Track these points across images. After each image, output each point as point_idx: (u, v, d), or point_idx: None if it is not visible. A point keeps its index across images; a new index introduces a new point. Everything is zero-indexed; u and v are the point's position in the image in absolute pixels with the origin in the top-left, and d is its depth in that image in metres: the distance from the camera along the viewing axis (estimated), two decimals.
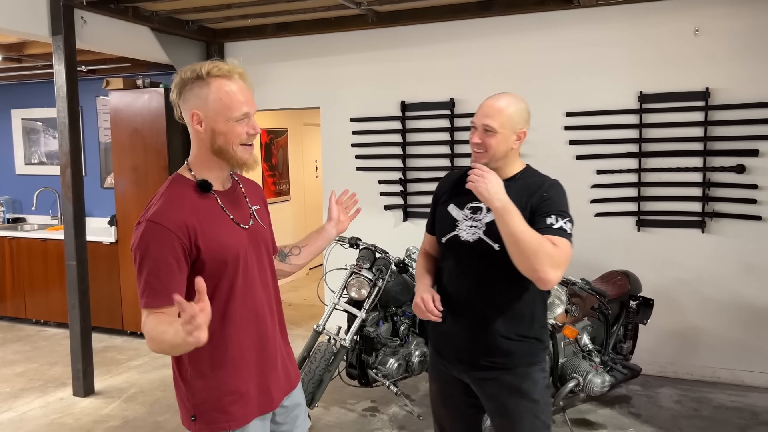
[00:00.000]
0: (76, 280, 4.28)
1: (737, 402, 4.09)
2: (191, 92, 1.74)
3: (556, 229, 1.97)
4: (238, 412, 1.79)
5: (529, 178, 2.14)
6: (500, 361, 2.09)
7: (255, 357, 1.84)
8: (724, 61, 4.23)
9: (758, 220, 4.23)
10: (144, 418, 3.99)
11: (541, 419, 2.12)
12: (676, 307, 4.46)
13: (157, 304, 1.64)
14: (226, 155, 1.78)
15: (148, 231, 1.68)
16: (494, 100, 2.11)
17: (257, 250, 1.87)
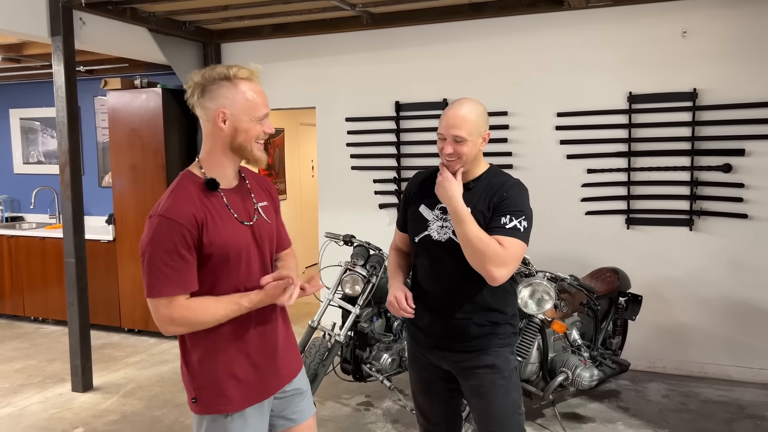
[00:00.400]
0: (75, 278, 4.35)
1: (724, 396, 4.18)
2: (218, 92, 1.84)
3: (507, 228, 2.09)
4: (236, 396, 1.88)
5: (493, 177, 2.24)
6: (475, 344, 2.22)
7: (255, 346, 1.94)
8: (711, 62, 4.32)
9: (744, 218, 4.32)
10: (142, 413, 4.06)
11: (512, 397, 2.24)
12: (665, 304, 4.55)
13: (174, 292, 1.77)
14: (243, 152, 1.90)
15: (161, 225, 1.80)
16: (457, 110, 2.16)
17: (260, 245, 1.97)
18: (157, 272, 1.78)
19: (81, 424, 3.90)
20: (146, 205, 5.49)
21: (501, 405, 2.23)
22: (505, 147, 4.77)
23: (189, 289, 1.81)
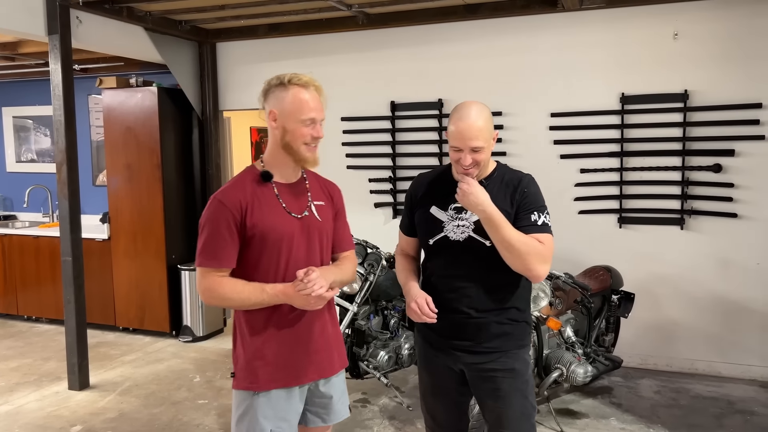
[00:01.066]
0: (72, 276, 4.35)
1: (714, 392, 4.26)
2: (273, 94, 2.07)
3: (540, 225, 2.15)
4: (263, 377, 2.07)
5: (505, 174, 2.27)
6: (495, 345, 2.22)
7: (288, 333, 2.09)
8: (701, 64, 4.40)
9: (734, 217, 4.40)
10: (139, 410, 4.08)
11: (529, 400, 2.25)
12: (656, 302, 4.62)
13: (209, 264, 2.02)
14: (290, 151, 2.08)
15: (212, 205, 2.05)
16: (469, 121, 2.14)
17: (308, 238, 2.13)
18: (202, 245, 2.04)
19: (79, 422, 3.91)
20: (141, 203, 5.50)
21: (518, 409, 2.23)
22: (500, 147, 4.82)
23: (223, 264, 2.03)
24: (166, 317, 5.55)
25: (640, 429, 3.72)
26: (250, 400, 2.08)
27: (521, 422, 2.23)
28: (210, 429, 3.79)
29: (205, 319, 5.55)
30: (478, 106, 2.18)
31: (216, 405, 4.14)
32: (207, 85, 5.70)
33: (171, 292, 5.53)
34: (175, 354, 5.20)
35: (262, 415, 2.07)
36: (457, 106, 2.21)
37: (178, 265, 5.55)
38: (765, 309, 4.40)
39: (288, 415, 2.12)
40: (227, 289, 2.03)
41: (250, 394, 2.07)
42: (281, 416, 2.10)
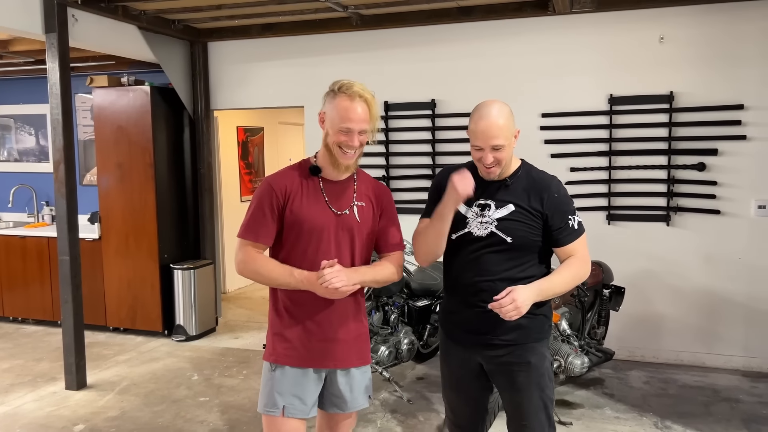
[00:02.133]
0: (69, 275, 4.33)
1: (700, 382, 4.44)
2: (327, 98, 2.23)
3: (577, 230, 2.28)
4: (280, 352, 2.24)
5: (530, 172, 2.33)
6: (513, 338, 2.27)
7: (310, 319, 2.23)
8: (686, 66, 4.57)
9: (717, 214, 4.59)
10: (141, 409, 4.08)
11: (546, 393, 2.31)
12: (643, 296, 4.79)
13: (248, 237, 2.20)
14: (329, 151, 2.21)
15: (262, 186, 2.24)
16: (489, 119, 2.18)
17: (343, 234, 2.24)
18: (246, 219, 2.22)
19: (81, 421, 3.91)
20: (133, 202, 5.48)
21: (534, 402, 2.29)
22: None
23: (260, 240, 2.20)
24: (159, 317, 5.54)
25: (634, 417, 3.86)
26: (269, 373, 2.26)
27: (538, 414, 2.30)
28: (215, 426, 3.83)
29: (198, 319, 5.55)
30: (498, 105, 2.23)
31: (218, 402, 4.17)
32: (199, 84, 5.71)
33: (164, 291, 5.53)
34: (169, 353, 5.20)
35: (277, 389, 2.23)
36: (478, 105, 2.26)
37: (170, 265, 5.55)
38: (747, 302, 4.60)
39: (301, 395, 2.23)
40: (259, 265, 2.20)
41: (270, 366, 2.26)
42: (294, 394, 2.22)
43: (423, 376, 4.58)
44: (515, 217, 2.24)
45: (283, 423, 2.21)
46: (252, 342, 5.47)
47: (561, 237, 2.24)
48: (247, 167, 7.73)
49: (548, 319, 2.37)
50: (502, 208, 2.25)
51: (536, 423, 2.30)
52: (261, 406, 2.26)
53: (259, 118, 7.89)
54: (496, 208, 2.26)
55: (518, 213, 2.24)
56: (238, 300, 7.01)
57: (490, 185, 2.30)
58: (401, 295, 4.33)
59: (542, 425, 2.31)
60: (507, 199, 2.26)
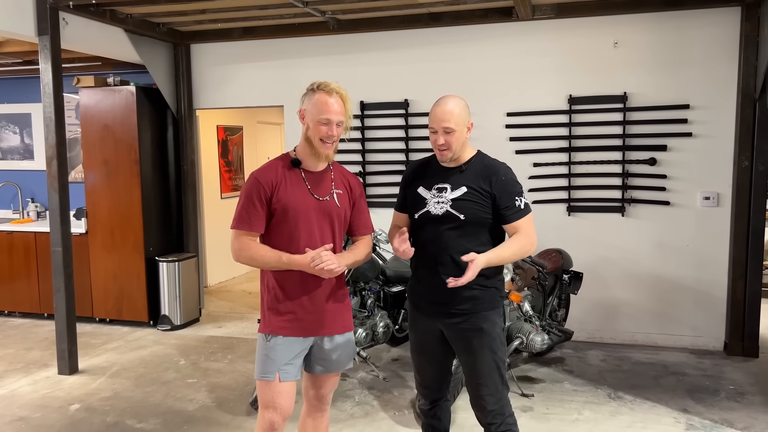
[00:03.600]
0: (62, 265, 4.56)
1: (651, 359, 4.83)
2: (306, 96, 2.51)
3: (522, 209, 2.56)
4: (275, 324, 2.52)
5: (484, 160, 2.66)
6: (467, 308, 2.58)
7: (299, 293, 2.51)
8: (638, 69, 4.97)
9: (667, 205, 4.99)
10: (132, 390, 4.33)
11: (497, 355, 2.62)
12: (601, 281, 5.17)
13: (242, 227, 2.48)
14: (310, 144, 2.49)
15: (249, 181, 2.50)
16: (444, 106, 2.56)
17: (324, 217, 2.53)
18: (237, 212, 2.49)
19: (76, 402, 4.14)
20: (119, 197, 5.70)
21: (487, 362, 2.58)
22: None
23: (253, 229, 2.48)
24: (145, 307, 5.77)
25: (590, 390, 4.23)
26: (264, 343, 2.53)
27: (492, 373, 2.60)
28: (203, 403, 4.09)
29: (182, 309, 5.80)
30: (454, 97, 2.60)
31: (205, 383, 4.44)
32: (182, 84, 5.96)
33: (149, 283, 5.76)
34: (156, 341, 5.44)
35: (272, 356, 2.50)
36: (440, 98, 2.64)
37: (156, 257, 5.79)
38: (695, 286, 5.01)
39: (294, 361, 2.53)
40: (254, 252, 2.48)
41: (266, 338, 2.53)
42: (287, 360, 2.51)
43: (398, 358, 4.91)
44: (467, 197, 2.55)
45: (279, 386, 2.49)
46: (235, 331, 5.74)
47: (508, 215, 2.55)
48: (227, 165, 7.97)
49: (499, 291, 2.67)
50: (456, 189, 2.57)
51: (490, 381, 2.60)
52: (258, 373, 2.54)
53: (239, 118, 8.14)
54: (452, 190, 2.58)
55: (470, 194, 2.55)
56: (220, 293, 7.25)
57: (448, 171, 2.62)
58: (377, 281, 4.64)
59: (495, 383, 2.60)
60: (461, 182, 2.57)
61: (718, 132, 4.84)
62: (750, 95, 4.66)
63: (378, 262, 4.58)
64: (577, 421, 3.77)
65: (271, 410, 2.50)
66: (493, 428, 2.64)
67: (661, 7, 4.80)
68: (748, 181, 4.74)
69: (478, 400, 2.64)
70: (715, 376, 4.45)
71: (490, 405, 2.61)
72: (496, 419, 2.62)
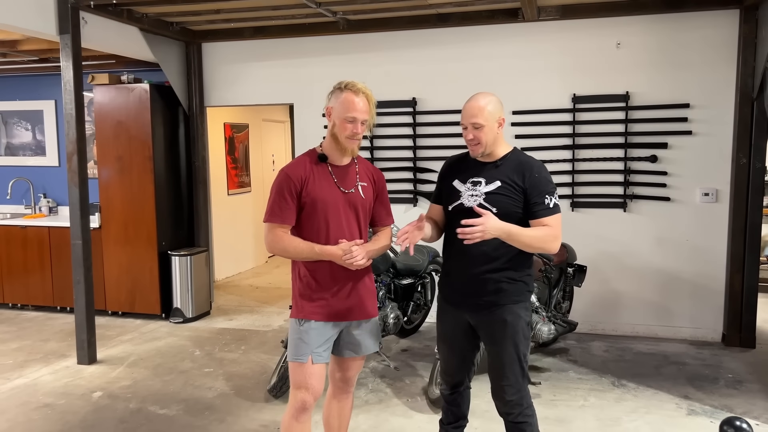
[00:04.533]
0: (82, 258, 4.68)
1: (652, 349, 5.00)
2: (333, 95, 2.64)
3: (551, 208, 2.60)
4: (308, 310, 2.67)
5: (519, 156, 2.70)
6: (493, 299, 2.64)
7: (329, 281, 2.65)
8: (640, 69, 5.13)
9: (667, 200, 5.16)
10: (151, 378, 4.47)
11: (520, 348, 2.68)
12: (604, 275, 5.34)
13: (274, 221, 2.61)
14: (336, 140, 2.63)
15: (280, 176, 2.64)
16: (474, 102, 2.64)
17: (351, 208, 2.68)
18: (270, 206, 2.62)
19: (98, 389, 4.27)
20: (132, 193, 5.83)
21: (508, 354, 2.65)
22: None
23: (285, 222, 2.61)
24: (157, 300, 5.90)
25: (594, 378, 4.39)
26: (297, 327, 2.67)
27: (513, 365, 2.67)
28: (222, 391, 4.23)
29: (194, 302, 5.93)
30: (486, 94, 2.68)
31: (222, 372, 4.58)
32: (194, 82, 6.09)
33: (162, 276, 5.89)
34: (169, 333, 5.57)
35: (305, 340, 2.64)
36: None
37: (168, 251, 5.92)
38: (694, 279, 5.18)
39: (325, 344, 2.67)
40: (287, 243, 2.62)
41: (298, 322, 2.67)
42: (319, 344, 2.65)
43: (407, 348, 5.05)
44: (501, 191, 2.62)
45: (312, 368, 2.63)
46: (246, 323, 5.87)
47: (536, 211, 2.59)
48: (233, 162, 8.09)
49: (527, 285, 2.72)
50: (491, 184, 2.64)
51: (510, 373, 2.67)
52: (291, 355, 2.67)
53: (245, 116, 8.27)
54: (486, 184, 2.65)
55: (503, 188, 2.62)
56: (227, 287, 7.38)
57: (484, 166, 2.69)
58: (388, 274, 4.78)
59: (516, 375, 2.68)
60: (496, 177, 2.64)
61: (716, 130, 5.01)
62: (748, 95, 4.83)
63: (389, 256, 4.72)
64: (583, 407, 3.93)
65: (303, 390, 2.64)
66: (511, 418, 2.73)
67: (662, 9, 4.96)
68: (745, 177, 4.91)
69: (498, 390, 2.72)
70: (714, 366, 4.62)
71: (509, 395, 2.69)
72: (514, 410, 2.70)
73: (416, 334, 5.36)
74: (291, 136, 9.64)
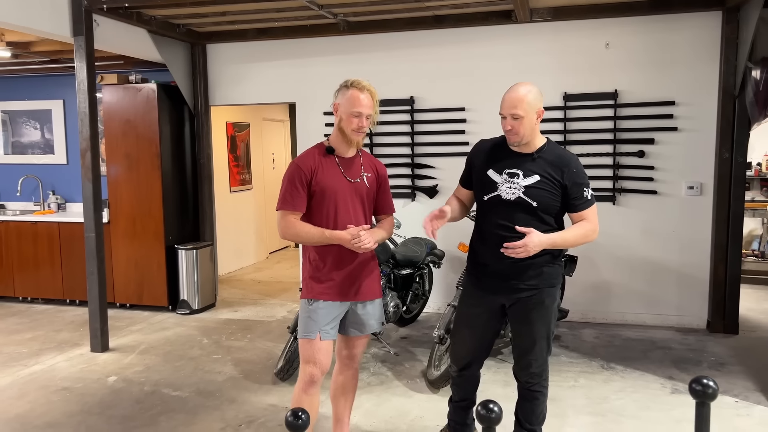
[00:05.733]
0: (95, 250, 4.89)
1: (640, 336, 5.23)
2: (339, 92, 2.85)
3: (589, 200, 2.77)
4: (317, 290, 2.89)
5: (555, 149, 2.81)
6: (534, 283, 2.79)
7: (337, 264, 2.87)
8: (628, 68, 5.37)
9: (654, 194, 5.40)
10: (163, 364, 4.68)
11: (550, 327, 2.89)
12: (594, 265, 5.57)
13: (287, 208, 2.82)
14: (343, 133, 2.85)
15: (291, 167, 2.86)
16: (515, 93, 2.69)
17: (356, 196, 2.91)
18: (282, 194, 2.84)
19: (113, 374, 4.49)
20: (140, 189, 6.04)
21: (541, 332, 2.84)
22: (463, 138, 5.68)
23: (297, 209, 2.82)
24: (165, 293, 6.11)
25: (585, 361, 4.63)
26: (307, 307, 2.89)
27: (542, 342, 2.87)
28: (231, 375, 4.45)
29: (200, 294, 6.14)
30: (527, 84, 2.72)
31: (230, 358, 4.79)
32: (199, 82, 6.31)
33: (169, 269, 6.10)
34: (177, 323, 5.78)
35: (314, 318, 2.86)
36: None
37: (175, 245, 6.13)
38: (680, 269, 5.42)
39: (332, 323, 2.90)
40: (299, 229, 2.82)
41: (308, 302, 2.88)
42: (326, 322, 2.87)
43: (406, 336, 5.28)
44: (540, 186, 2.72)
45: (320, 344, 2.85)
46: (250, 314, 6.09)
47: (577, 204, 2.75)
48: (235, 160, 8.30)
49: (561, 267, 2.92)
50: (529, 177, 2.72)
51: (539, 348, 2.87)
52: (301, 332, 2.89)
53: (246, 115, 8.48)
54: (524, 177, 2.73)
55: (543, 182, 2.72)
56: (230, 282, 7.59)
57: (520, 157, 2.78)
58: (388, 264, 5.01)
59: (543, 350, 2.89)
60: (534, 170, 2.73)
61: (701, 126, 5.26)
62: (730, 92, 5.07)
63: (389, 247, 4.95)
64: (573, 387, 4.16)
65: (312, 365, 2.86)
66: (529, 386, 2.93)
67: (649, 11, 5.20)
68: (728, 171, 5.16)
69: (526, 364, 2.90)
70: (699, 350, 4.86)
71: (534, 368, 2.89)
72: (534, 379, 2.92)
73: (415, 323, 5.59)
74: (291, 135, 9.88)
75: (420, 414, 3.75)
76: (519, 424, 3.01)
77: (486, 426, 2.10)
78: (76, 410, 3.89)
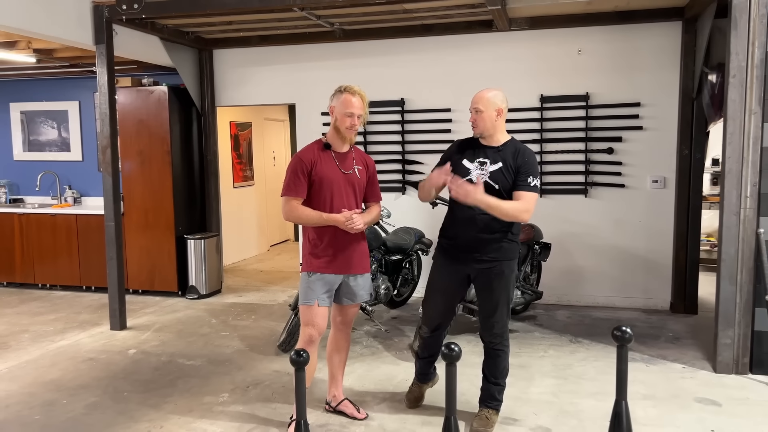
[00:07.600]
0: (114, 237, 5.41)
1: (609, 316, 5.76)
2: (334, 96, 3.36)
3: (531, 186, 3.22)
4: (315, 264, 3.39)
5: (516, 144, 3.34)
6: (495, 256, 3.32)
7: (332, 242, 3.37)
8: (599, 73, 5.90)
9: (622, 187, 5.93)
10: (176, 340, 5.20)
11: (510, 294, 3.41)
12: (567, 252, 6.10)
13: (291, 194, 3.31)
14: (338, 131, 3.37)
15: (294, 159, 3.38)
16: (480, 93, 3.33)
17: (349, 186, 3.41)
18: (286, 183, 3.32)
19: (132, 348, 5.01)
20: (152, 183, 6.56)
21: (502, 299, 3.36)
22: (449, 136, 6.20)
23: (299, 195, 3.31)
24: (175, 279, 6.63)
25: (555, 336, 5.16)
26: (307, 278, 3.39)
27: (502, 307, 3.37)
28: (238, 348, 4.98)
29: (207, 280, 6.66)
30: (492, 88, 3.36)
31: (237, 335, 5.32)
32: (206, 84, 6.83)
33: (179, 258, 6.62)
34: (187, 307, 6.31)
35: (313, 288, 3.37)
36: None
37: (184, 236, 6.65)
38: (646, 255, 5.95)
39: (328, 292, 3.41)
40: (300, 212, 3.33)
41: (307, 275, 3.39)
42: (323, 291, 3.38)
43: (396, 317, 5.81)
44: (502, 171, 3.25)
45: (317, 310, 3.37)
46: (254, 299, 6.61)
47: (519, 184, 3.23)
48: (238, 158, 8.83)
49: (518, 244, 3.42)
50: (494, 165, 3.28)
51: (500, 313, 3.39)
52: (301, 300, 3.41)
53: (248, 115, 9.00)
54: (491, 164, 3.28)
55: (504, 168, 3.26)
56: (234, 271, 8.11)
57: (489, 149, 3.32)
58: (379, 250, 5.53)
59: (503, 315, 3.40)
60: (497, 159, 3.28)
61: (663, 126, 5.79)
62: (689, 95, 5.60)
63: (380, 234, 5.47)
64: (542, 357, 4.69)
65: (311, 327, 3.39)
66: (492, 345, 3.45)
67: (617, 21, 5.72)
68: (688, 166, 5.69)
69: (489, 325, 3.41)
70: (659, 327, 5.39)
71: (496, 329, 3.41)
72: (497, 339, 3.43)
73: (404, 306, 6.11)
74: (290, 135, 10.40)
75: (405, 378, 4.27)
76: (486, 378, 3.54)
77: (448, 362, 2.64)
78: (102, 375, 4.41)
